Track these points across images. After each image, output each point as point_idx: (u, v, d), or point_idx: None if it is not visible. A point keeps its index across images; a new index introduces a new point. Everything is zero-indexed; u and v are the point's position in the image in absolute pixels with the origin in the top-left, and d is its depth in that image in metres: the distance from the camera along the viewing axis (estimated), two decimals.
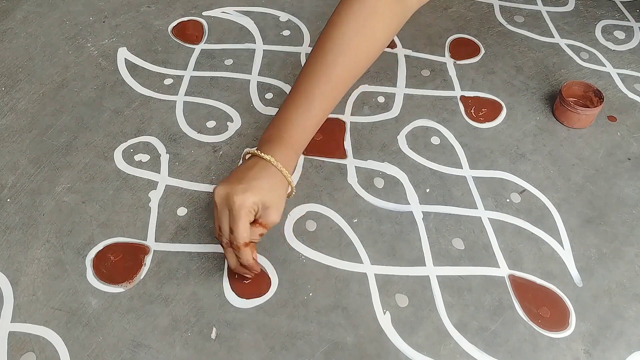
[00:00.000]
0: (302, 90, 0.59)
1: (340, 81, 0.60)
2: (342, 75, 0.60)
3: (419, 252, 0.63)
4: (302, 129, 0.59)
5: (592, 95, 0.75)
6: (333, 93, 0.60)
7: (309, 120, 0.59)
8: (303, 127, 0.59)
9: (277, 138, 0.58)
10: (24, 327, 0.56)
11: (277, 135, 0.58)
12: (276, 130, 0.59)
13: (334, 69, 0.59)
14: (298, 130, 0.59)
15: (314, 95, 0.59)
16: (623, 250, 0.63)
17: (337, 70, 0.59)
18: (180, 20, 0.90)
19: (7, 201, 0.66)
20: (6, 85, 0.79)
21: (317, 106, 0.59)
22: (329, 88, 0.59)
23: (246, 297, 0.59)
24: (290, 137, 0.58)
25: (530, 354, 0.56)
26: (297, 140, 0.59)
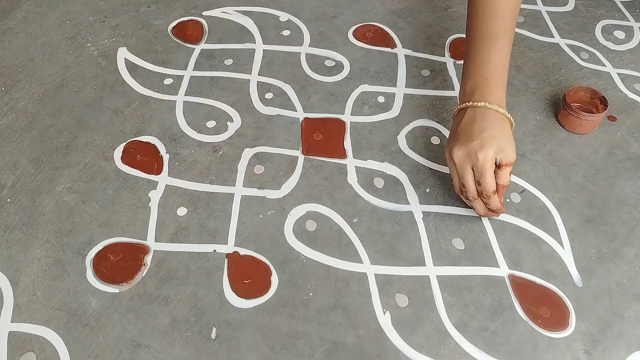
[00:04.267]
0: (484, 32, 0.64)
1: (514, 14, 0.64)
2: (507, 5, 0.64)
3: (419, 252, 0.63)
4: (500, 65, 0.63)
5: (598, 102, 0.75)
6: (511, 24, 0.64)
7: (503, 56, 0.63)
8: (501, 63, 0.63)
9: (481, 83, 0.62)
10: (24, 327, 0.56)
11: (480, 81, 0.62)
12: (477, 76, 0.63)
13: (500, 4, 0.63)
14: (497, 67, 0.63)
15: (497, 33, 0.63)
16: (623, 250, 0.63)
17: (503, 5, 0.64)
18: (180, 20, 0.90)
19: (7, 201, 0.66)
20: (6, 85, 0.79)
21: (502, 40, 0.63)
22: (507, 23, 0.64)
23: (246, 297, 0.59)
24: (494, 76, 0.62)
25: (530, 354, 0.56)
26: (500, 77, 0.63)
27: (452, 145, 0.60)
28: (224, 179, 0.69)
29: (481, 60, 0.63)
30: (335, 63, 0.84)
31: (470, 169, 0.59)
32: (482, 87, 0.62)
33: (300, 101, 0.78)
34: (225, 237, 0.63)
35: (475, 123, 0.60)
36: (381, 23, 0.91)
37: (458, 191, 0.63)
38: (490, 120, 0.60)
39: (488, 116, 0.60)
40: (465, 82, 0.64)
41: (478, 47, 0.64)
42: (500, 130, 0.59)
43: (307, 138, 0.74)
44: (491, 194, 0.59)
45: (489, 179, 0.58)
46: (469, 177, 0.59)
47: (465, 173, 0.59)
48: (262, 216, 0.65)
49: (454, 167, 0.61)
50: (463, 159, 0.59)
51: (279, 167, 0.70)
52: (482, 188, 0.59)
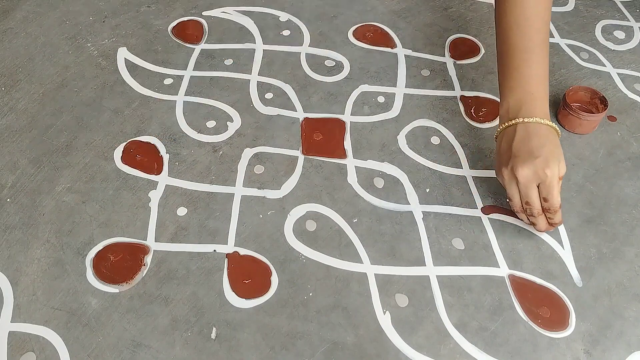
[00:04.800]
0: (520, 47, 0.63)
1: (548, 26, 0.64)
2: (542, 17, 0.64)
3: (419, 252, 0.63)
4: (543, 78, 0.63)
5: (598, 102, 0.75)
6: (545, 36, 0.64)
7: (544, 68, 0.63)
8: (543, 76, 0.63)
9: (527, 98, 0.61)
10: (24, 327, 0.56)
11: (525, 96, 0.62)
12: (521, 91, 0.62)
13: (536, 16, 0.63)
14: (540, 81, 0.62)
15: (536, 47, 0.63)
16: (623, 250, 0.63)
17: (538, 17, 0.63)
18: (180, 20, 0.90)
19: (7, 201, 0.66)
20: (6, 85, 0.79)
21: (542, 52, 0.63)
22: (544, 35, 0.64)
23: (246, 297, 0.59)
24: (538, 90, 0.62)
25: (530, 354, 0.56)
26: (544, 90, 0.63)
27: (515, 164, 0.59)
28: (224, 179, 0.69)
29: (523, 75, 0.63)
30: (335, 63, 0.84)
31: (535, 187, 0.59)
32: (528, 102, 0.61)
33: (300, 101, 0.78)
34: (225, 237, 0.64)
35: (532, 140, 0.59)
36: (381, 23, 0.91)
37: (519, 209, 0.61)
38: (545, 135, 0.59)
39: (542, 131, 0.60)
40: (508, 97, 0.63)
41: (518, 61, 0.63)
42: (555, 144, 0.60)
43: (307, 138, 0.74)
44: (558, 209, 0.59)
45: (556, 194, 0.58)
46: (534, 194, 0.59)
47: (530, 191, 0.59)
48: (262, 216, 0.65)
49: (516, 185, 0.60)
50: (530, 177, 0.58)
51: (279, 167, 0.70)
52: (549, 204, 0.59)
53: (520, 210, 0.61)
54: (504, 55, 0.65)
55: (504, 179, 0.61)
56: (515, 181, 0.60)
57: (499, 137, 0.63)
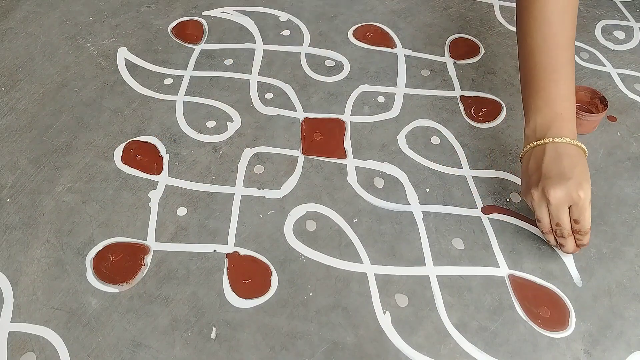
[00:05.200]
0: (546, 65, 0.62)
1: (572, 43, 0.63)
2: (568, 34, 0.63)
3: (419, 252, 0.63)
4: (570, 97, 0.62)
5: (598, 102, 0.75)
6: (571, 54, 0.63)
7: (571, 87, 0.62)
8: (571, 95, 0.62)
9: (555, 117, 0.61)
10: (24, 327, 0.56)
11: (553, 116, 0.61)
12: (548, 111, 0.61)
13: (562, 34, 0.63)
14: (568, 100, 0.62)
15: (561, 63, 0.62)
16: (623, 250, 0.63)
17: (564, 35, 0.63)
18: (180, 20, 0.90)
19: (7, 201, 0.66)
20: (6, 85, 0.79)
21: (568, 71, 0.62)
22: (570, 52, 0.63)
23: (246, 297, 0.59)
24: (566, 110, 0.61)
25: (530, 354, 0.56)
26: (571, 110, 0.62)
27: (545, 185, 0.58)
28: (224, 179, 0.69)
29: (550, 95, 0.62)
30: (335, 63, 0.84)
31: (567, 208, 0.58)
32: (556, 122, 0.60)
33: (300, 101, 0.78)
34: (225, 237, 0.64)
35: (563, 160, 0.58)
36: (381, 23, 0.91)
37: (547, 231, 0.61)
38: (576, 156, 0.59)
39: (572, 152, 0.59)
40: (535, 117, 0.62)
41: (545, 81, 0.62)
42: (584, 165, 0.59)
43: (307, 138, 0.74)
44: (588, 230, 0.59)
45: (588, 216, 0.58)
46: (565, 216, 0.58)
47: (562, 213, 0.58)
48: (262, 216, 0.65)
49: (546, 207, 0.59)
50: (562, 199, 0.57)
51: (279, 167, 0.70)
52: (580, 226, 0.58)
53: (549, 231, 0.61)
54: (528, 74, 0.64)
55: (534, 200, 0.60)
56: (545, 202, 0.59)
57: (526, 157, 0.62)
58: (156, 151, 0.72)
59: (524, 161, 0.63)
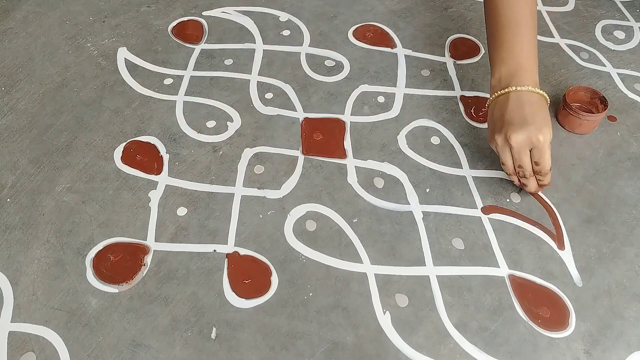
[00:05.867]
0: (513, 19, 0.66)
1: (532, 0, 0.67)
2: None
3: (419, 252, 0.63)
4: (533, 48, 0.66)
5: (598, 102, 0.75)
6: (533, 7, 0.67)
7: (533, 39, 0.66)
8: (533, 47, 0.66)
9: (518, 68, 0.64)
10: (24, 327, 0.56)
11: (516, 66, 0.64)
12: (512, 62, 0.65)
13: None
14: (531, 51, 0.65)
15: (524, 19, 0.66)
16: (623, 250, 0.63)
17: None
18: (180, 20, 0.90)
19: (7, 201, 0.66)
20: (6, 85, 0.79)
21: (530, 24, 0.66)
22: (533, 6, 0.67)
23: (246, 297, 0.59)
24: (528, 60, 0.65)
25: (530, 354, 0.56)
26: (534, 61, 0.65)
27: (508, 131, 0.62)
28: (224, 179, 0.69)
29: (513, 47, 0.66)
30: (335, 63, 0.84)
31: (528, 151, 0.62)
32: (520, 72, 0.64)
33: (300, 101, 0.78)
34: (225, 237, 0.64)
35: (525, 107, 0.62)
36: (381, 23, 0.91)
37: (511, 172, 0.65)
38: (537, 103, 0.62)
39: (533, 99, 0.63)
40: (499, 68, 0.66)
41: (508, 34, 0.66)
42: (546, 111, 0.63)
43: (307, 138, 0.74)
44: (549, 171, 0.62)
45: (548, 158, 0.61)
46: (527, 158, 0.62)
47: (523, 155, 0.62)
48: (262, 216, 0.65)
49: (509, 151, 0.63)
50: (523, 143, 0.61)
51: (279, 167, 0.70)
52: (540, 167, 0.62)
53: (513, 173, 0.65)
54: (493, 28, 0.68)
55: (498, 145, 0.64)
56: (508, 147, 0.62)
57: (491, 106, 0.66)
58: (156, 151, 0.72)
59: (489, 110, 0.66)
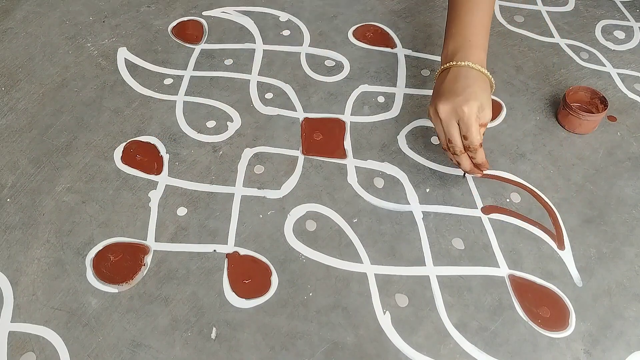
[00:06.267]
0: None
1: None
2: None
3: (419, 252, 0.63)
4: (482, 27, 0.65)
5: (598, 102, 0.75)
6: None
7: (484, 17, 0.65)
8: (483, 26, 0.65)
9: (464, 44, 0.64)
10: (24, 327, 0.56)
11: (462, 42, 0.64)
12: (460, 38, 0.64)
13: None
14: (479, 29, 0.65)
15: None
16: (623, 250, 0.63)
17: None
18: (180, 20, 0.90)
19: (7, 201, 0.66)
20: (6, 85, 0.79)
21: (484, 3, 0.65)
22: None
23: (246, 297, 0.59)
24: (476, 38, 0.64)
25: (530, 354, 0.56)
26: (482, 38, 0.64)
27: (437, 102, 0.61)
28: (224, 179, 0.69)
29: (463, 23, 0.65)
30: (335, 63, 0.84)
31: (456, 124, 0.60)
32: (464, 49, 0.63)
33: (300, 101, 0.78)
34: (225, 237, 0.64)
35: (459, 81, 0.61)
36: (381, 23, 0.91)
37: (445, 147, 0.63)
38: (473, 78, 0.61)
39: (470, 74, 0.61)
40: (448, 43, 0.66)
41: (461, 10, 0.66)
42: (481, 88, 0.61)
43: (307, 138, 0.74)
44: (477, 147, 0.60)
45: (475, 131, 0.59)
46: (455, 131, 0.61)
47: (451, 128, 0.61)
48: (262, 216, 0.65)
49: (440, 123, 0.62)
50: (449, 114, 0.60)
51: (279, 167, 0.70)
52: (468, 142, 0.60)
53: (446, 148, 0.63)
54: (450, 5, 0.68)
55: (431, 118, 0.63)
56: (439, 119, 0.61)
57: (436, 81, 0.66)
58: (156, 151, 0.72)
59: (434, 84, 0.66)
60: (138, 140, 0.73)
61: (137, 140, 0.73)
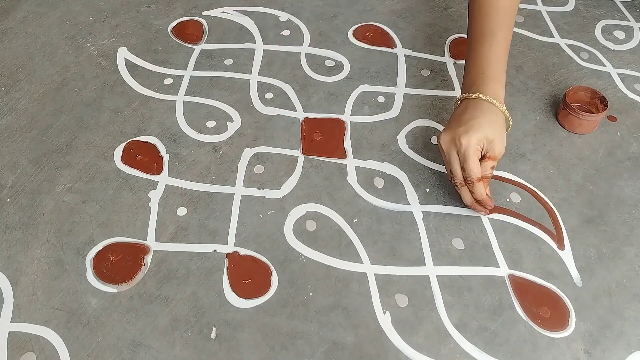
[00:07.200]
0: (480, 29, 0.66)
1: (510, 10, 0.66)
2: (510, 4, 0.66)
3: (419, 252, 0.63)
4: (497, 60, 0.64)
5: (598, 102, 0.75)
6: (508, 20, 0.66)
7: (500, 51, 0.64)
8: (498, 58, 0.64)
9: (478, 77, 0.63)
10: (24, 327, 0.56)
11: (477, 75, 0.64)
12: (475, 72, 0.64)
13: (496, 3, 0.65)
14: (494, 62, 0.64)
15: (493, 29, 0.65)
16: (623, 250, 0.63)
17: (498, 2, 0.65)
18: (180, 20, 0.90)
19: (7, 201, 0.66)
20: (6, 85, 0.79)
21: (499, 35, 0.65)
22: (503, 18, 0.65)
23: (246, 297, 0.59)
24: (490, 70, 0.63)
25: (530, 354, 0.56)
26: (497, 72, 0.64)
27: (442, 131, 0.62)
28: (224, 179, 0.69)
29: (478, 57, 0.65)
30: (335, 63, 0.84)
31: (456, 155, 0.60)
32: (478, 81, 0.63)
33: (300, 101, 0.78)
34: (225, 237, 0.64)
35: (466, 112, 0.61)
36: (381, 23, 0.91)
37: (449, 179, 0.63)
38: (482, 110, 0.60)
39: (480, 106, 0.61)
40: (465, 76, 0.66)
41: (476, 44, 0.66)
42: (489, 120, 0.60)
43: (307, 138, 0.74)
44: (475, 181, 0.59)
45: (471, 164, 0.58)
46: (455, 162, 0.60)
47: (451, 158, 0.60)
48: (262, 216, 0.65)
49: (443, 153, 0.62)
50: (448, 144, 0.60)
51: (279, 167, 0.70)
52: (466, 174, 0.60)
53: (449, 179, 0.63)
54: (468, 38, 0.68)
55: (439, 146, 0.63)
56: (441, 149, 0.62)
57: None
58: (156, 151, 0.72)
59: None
60: (138, 140, 0.73)
61: (137, 140, 0.73)
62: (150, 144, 0.72)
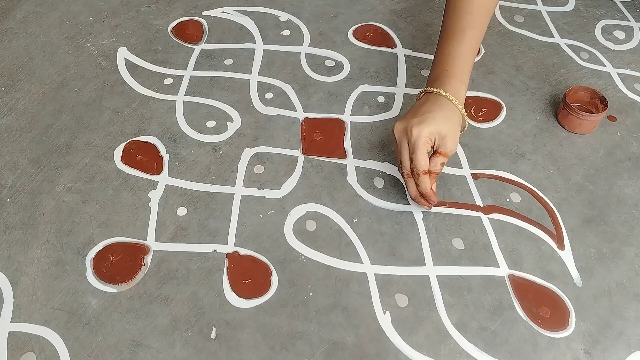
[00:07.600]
0: (451, 26, 0.66)
1: (484, 10, 0.66)
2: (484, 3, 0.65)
3: (419, 252, 0.63)
4: (462, 58, 0.64)
5: (598, 102, 0.75)
6: (480, 19, 0.66)
7: (467, 49, 0.64)
8: (463, 57, 0.64)
9: (442, 73, 0.63)
10: (24, 327, 0.56)
11: (441, 71, 0.64)
12: (439, 67, 0.64)
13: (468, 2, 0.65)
14: (458, 60, 0.64)
15: (463, 27, 0.65)
16: (623, 250, 0.63)
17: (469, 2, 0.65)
18: (180, 20, 0.90)
19: (7, 201, 0.66)
20: (6, 85, 0.79)
21: (468, 34, 0.64)
22: (475, 17, 0.65)
23: (246, 297, 0.59)
24: (453, 68, 0.63)
25: (530, 354, 0.56)
26: (461, 71, 0.64)
27: (398, 120, 0.61)
28: (224, 179, 0.69)
29: (445, 53, 0.65)
30: (335, 63, 0.84)
31: (406, 145, 0.60)
32: (441, 78, 0.63)
33: (300, 101, 0.78)
34: (225, 237, 0.64)
35: (424, 105, 0.61)
36: (381, 23, 0.91)
37: (399, 169, 0.63)
38: (440, 105, 0.60)
39: (439, 101, 0.61)
40: (430, 73, 0.66)
41: (444, 40, 0.66)
42: (445, 117, 0.60)
43: (307, 138, 0.74)
44: (421, 174, 0.59)
45: (419, 155, 0.58)
46: (404, 152, 0.60)
47: (401, 148, 0.60)
48: (262, 216, 0.65)
49: (395, 141, 0.61)
50: (400, 133, 0.60)
51: (279, 167, 0.70)
52: (413, 165, 0.59)
53: (399, 169, 0.63)
54: (439, 34, 0.68)
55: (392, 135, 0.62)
56: (394, 137, 0.61)
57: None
58: (156, 151, 0.72)
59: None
60: (138, 140, 0.73)
61: (137, 140, 0.73)
62: (150, 144, 0.72)
